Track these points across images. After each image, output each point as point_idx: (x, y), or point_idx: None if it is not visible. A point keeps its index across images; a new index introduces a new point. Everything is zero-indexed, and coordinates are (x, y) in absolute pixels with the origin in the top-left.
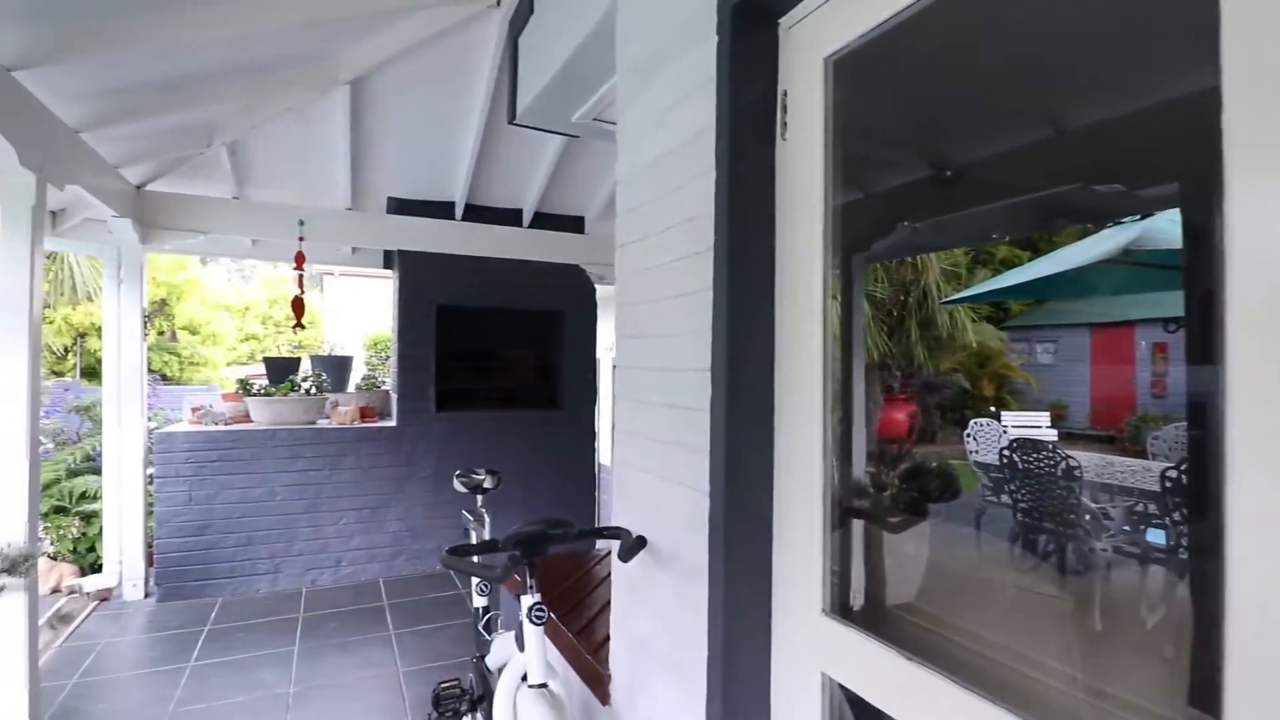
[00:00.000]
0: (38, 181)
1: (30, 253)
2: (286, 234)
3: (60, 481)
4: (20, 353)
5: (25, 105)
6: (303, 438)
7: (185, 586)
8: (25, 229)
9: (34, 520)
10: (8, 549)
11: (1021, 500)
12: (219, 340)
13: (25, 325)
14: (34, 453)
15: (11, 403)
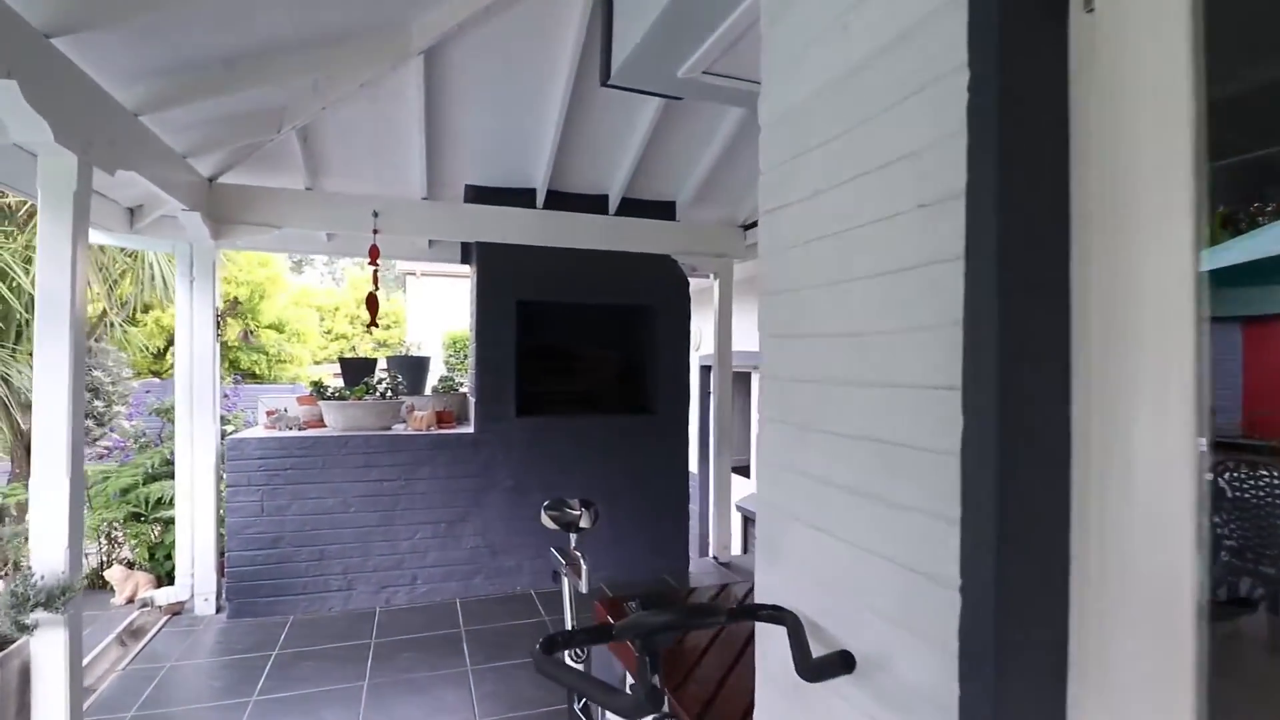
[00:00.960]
0: (80, 164)
1: (72, 243)
2: (361, 226)
3: (138, 487)
4: (61, 354)
5: (64, 76)
6: (377, 445)
7: (256, 603)
8: (66, 216)
9: (76, 546)
10: (40, 580)
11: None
12: (304, 339)
13: (66, 324)
14: (77, 468)
15: (52, 412)
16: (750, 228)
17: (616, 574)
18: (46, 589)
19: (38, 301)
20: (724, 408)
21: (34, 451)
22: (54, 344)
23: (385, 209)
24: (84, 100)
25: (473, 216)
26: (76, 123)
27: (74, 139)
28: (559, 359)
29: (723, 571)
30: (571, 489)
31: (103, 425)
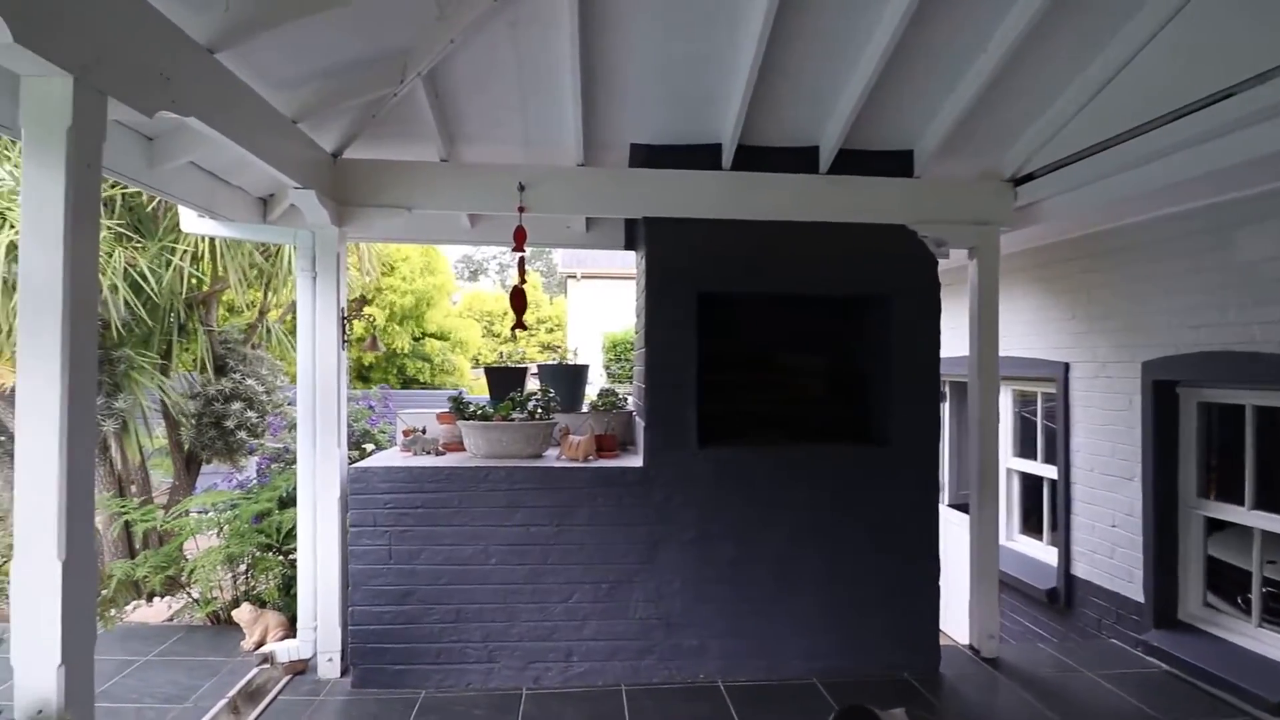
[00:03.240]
0: (76, 89)
1: (64, 206)
2: (505, 205)
3: (271, 515)
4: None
5: None
6: (523, 479)
7: (384, 671)
8: (55, 163)
9: (80, 664)
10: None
11: None
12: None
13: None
14: (81, 543)
15: (36, 454)
16: (1025, 181)
17: (832, 662)
18: None
19: (21, 290)
20: (986, 435)
21: (16, 516)
22: (40, 339)
23: (533, 180)
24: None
25: (641, 185)
26: (71, 26)
27: (60, 48)
28: (753, 370)
29: (986, 673)
30: (775, 547)
31: (257, 437)
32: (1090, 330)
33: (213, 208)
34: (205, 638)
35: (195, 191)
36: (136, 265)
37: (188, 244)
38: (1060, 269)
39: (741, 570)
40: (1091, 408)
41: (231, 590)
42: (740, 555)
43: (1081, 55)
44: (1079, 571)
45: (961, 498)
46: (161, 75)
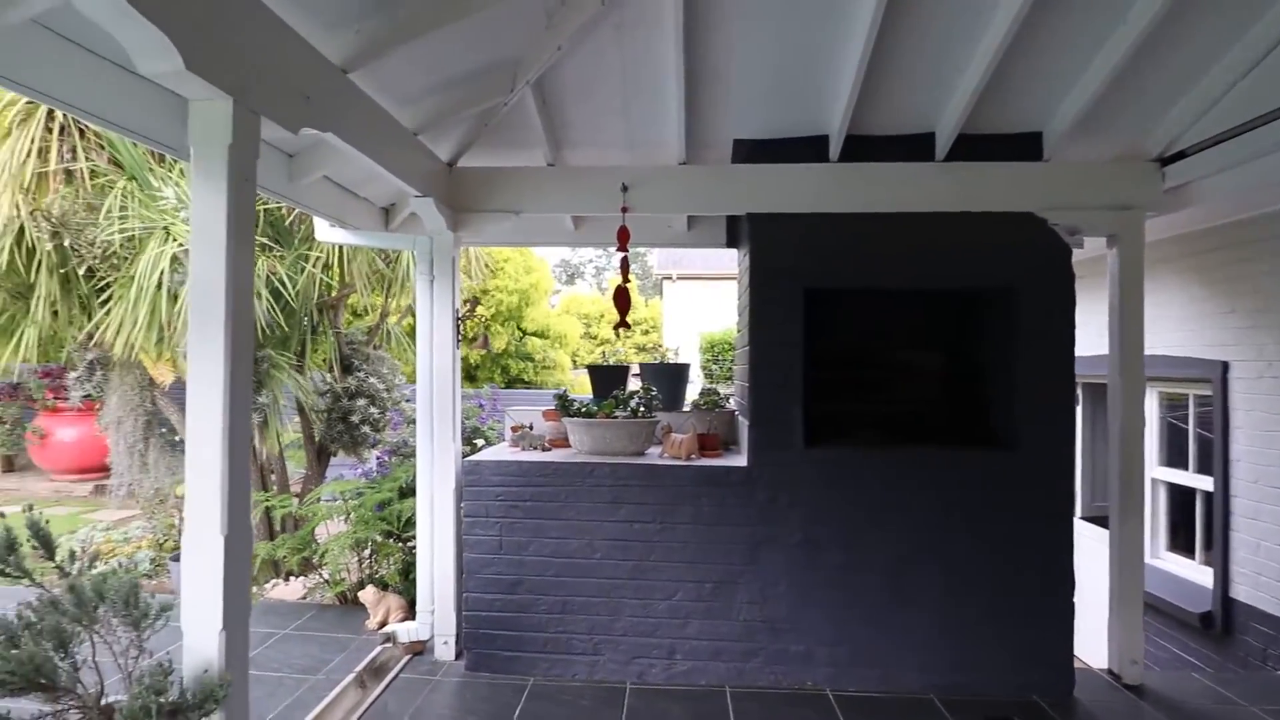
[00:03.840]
0: (236, 110)
1: (227, 216)
2: (608, 206)
3: (392, 504)
4: (215, 367)
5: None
6: (626, 476)
7: (495, 656)
8: (219, 179)
9: (238, 626)
10: (180, 683)
11: None
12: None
13: (220, 326)
14: (238, 517)
15: (204, 441)
16: (1174, 160)
17: (951, 678)
18: (186, 698)
19: (191, 293)
20: (1129, 441)
21: (187, 495)
22: (208, 344)
23: (636, 181)
24: (245, 26)
25: (744, 180)
26: (231, 54)
27: (223, 73)
28: (862, 368)
29: (1128, 700)
30: (887, 554)
31: (379, 431)
32: (1254, 326)
33: (343, 217)
34: (334, 616)
35: (328, 203)
36: (276, 273)
37: (320, 252)
38: (1217, 257)
39: (851, 576)
40: (1255, 411)
41: (357, 573)
42: (849, 561)
43: (1240, 17)
44: (1239, 594)
45: (1096, 510)
46: (303, 95)
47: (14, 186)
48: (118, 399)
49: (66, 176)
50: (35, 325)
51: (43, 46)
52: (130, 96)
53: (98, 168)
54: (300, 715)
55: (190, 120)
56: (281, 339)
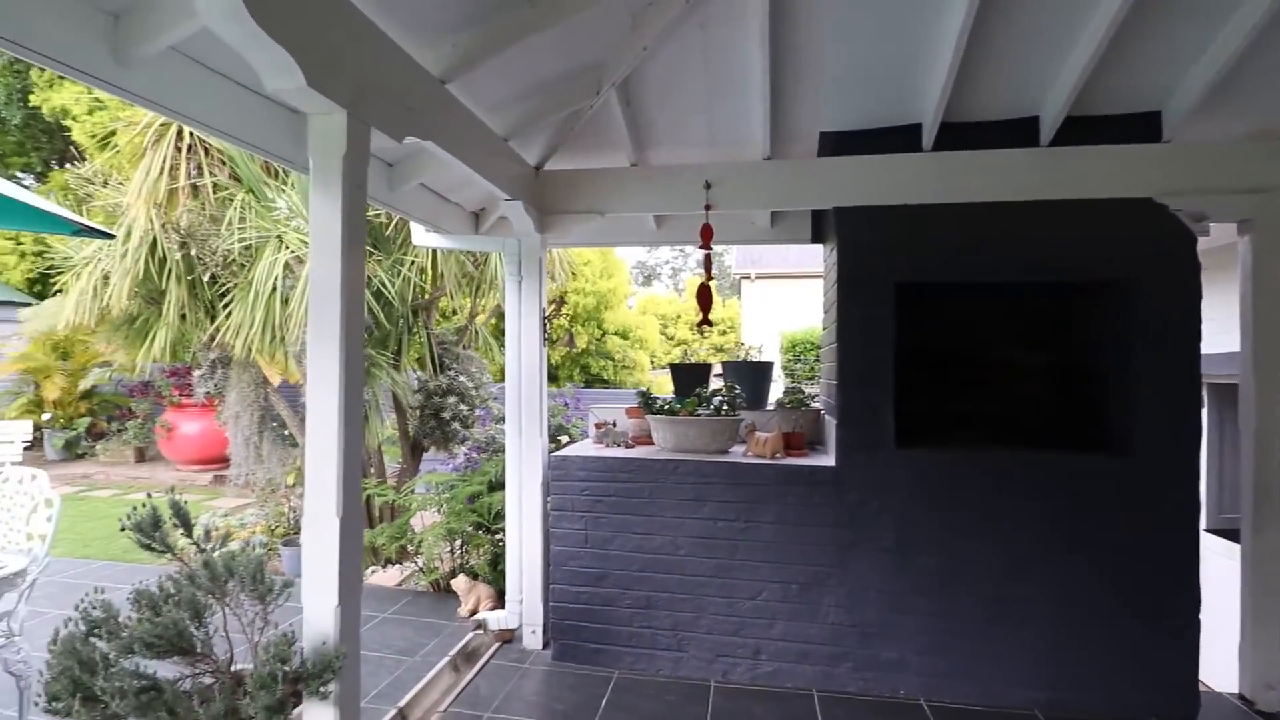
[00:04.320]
0: (349, 121)
1: (342, 220)
2: (691, 204)
3: (481, 497)
4: (331, 362)
5: (325, 11)
6: (710, 473)
7: (581, 647)
8: (334, 186)
9: (351, 602)
10: (301, 652)
11: None
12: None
13: (337, 324)
14: (350, 501)
15: (322, 432)
16: None
17: (1059, 694)
18: (308, 666)
19: (310, 294)
20: (1265, 447)
21: (306, 480)
22: (325, 341)
23: (719, 178)
24: (356, 43)
25: (831, 173)
26: (344, 69)
27: (338, 87)
28: (957, 367)
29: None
30: (987, 561)
31: (468, 428)
32: None
33: (437, 222)
34: (428, 602)
35: (423, 209)
36: (376, 276)
37: (415, 256)
38: None
39: (946, 585)
40: None
41: (449, 562)
42: (945, 568)
43: None
44: None
45: (1224, 522)
46: (406, 106)
47: (148, 202)
48: (236, 395)
49: (193, 191)
50: (167, 328)
51: (180, 72)
52: (252, 114)
53: (220, 182)
54: (399, 693)
55: (309, 133)
56: (380, 339)
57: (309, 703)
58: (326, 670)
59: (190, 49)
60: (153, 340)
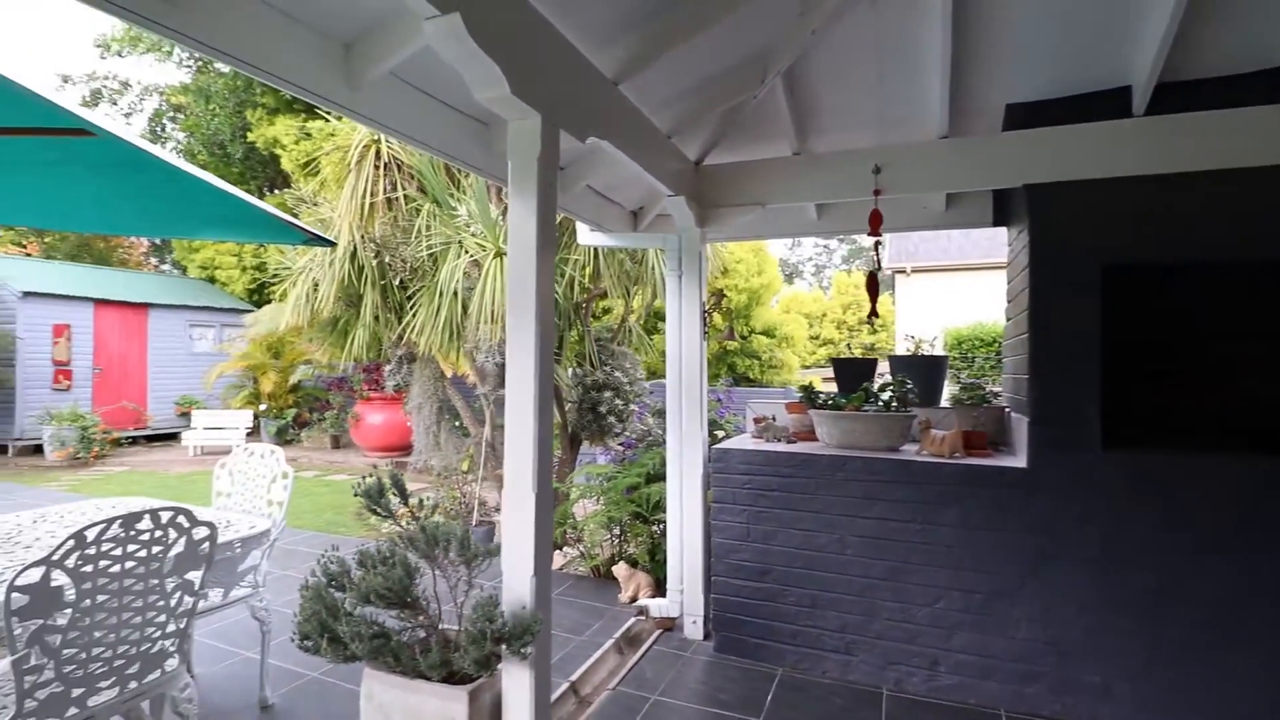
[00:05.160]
0: (544, 125)
1: (537, 216)
2: (857, 190)
3: (640, 488)
4: (527, 353)
5: (522, 22)
6: (881, 471)
7: (743, 641)
8: (530, 185)
9: (544, 573)
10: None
11: None
12: (794, 343)
13: (533, 315)
14: (543, 482)
15: (519, 417)
16: None
17: None
18: (508, 628)
19: (508, 286)
20: None
21: (506, 459)
22: (522, 334)
23: (889, 162)
24: (548, 53)
25: (1020, 148)
26: (539, 76)
27: (534, 93)
28: (1178, 358)
29: None
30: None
31: (623, 421)
32: None
33: (600, 222)
34: (589, 586)
35: (588, 209)
36: None
37: (576, 255)
38: None
39: (1162, 604)
40: None
41: (609, 549)
42: (1161, 585)
43: None
44: None
45: None
46: (587, 108)
47: (352, 216)
48: (418, 388)
49: (387, 204)
50: (363, 328)
51: (395, 93)
52: (448, 126)
53: (409, 195)
54: (570, 668)
55: (509, 137)
56: None
57: (508, 662)
58: (526, 633)
59: (402, 72)
60: (352, 340)
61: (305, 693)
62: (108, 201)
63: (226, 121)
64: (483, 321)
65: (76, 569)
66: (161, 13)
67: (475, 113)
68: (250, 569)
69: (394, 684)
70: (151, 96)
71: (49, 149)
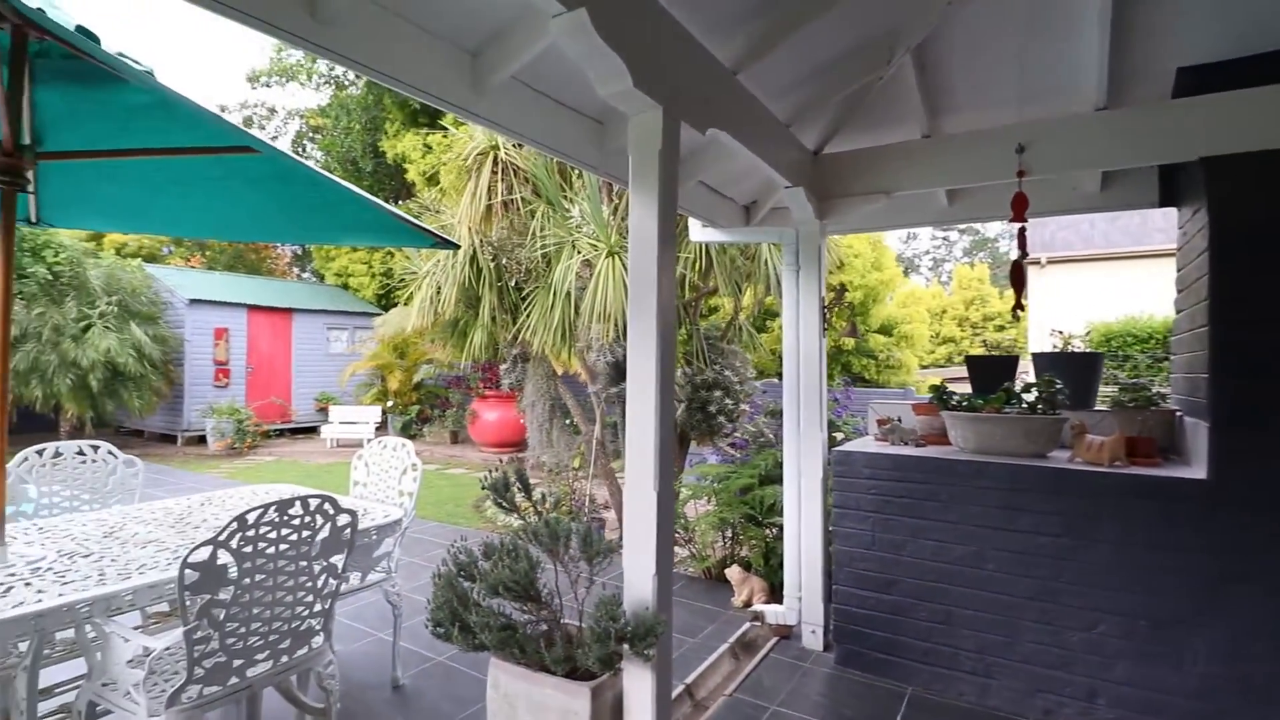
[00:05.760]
0: (665, 118)
1: (657, 210)
2: (995, 172)
3: (754, 490)
4: (648, 349)
5: (643, 12)
6: (1027, 480)
7: (866, 655)
8: (651, 179)
9: (665, 573)
10: (625, 616)
11: None
12: (913, 342)
13: (654, 311)
14: (665, 479)
15: (640, 413)
16: None
17: None
18: (631, 628)
19: (630, 281)
20: None
21: (627, 455)
22: (642, 338)
23: (1035, 139)
24: (668, 45)
25: (1195, 117)
26: (660, 69)
27: (656, 86)
28: None
29: None
30: None
31: (733, 421)
32: None
33: (712, 217)
34: (700, 588)
35: (701, 205)
36: None
37: (687, 253)
38: None
39: None
40: None
41: (720, 551)
42: None
43: None
44: None
45: None
46: (706, 99)
47: (471, 220)
48: (532, 387)
49: (504, 208)
50: (481, 329)
51: (515, 96)
52: (563, 126)
53: (524, 198)
54: (684, 671)
55: (630, 132)
56: None
57: (630, 662)
58: (649, 634)
59: (522, 75)
60: (470, 340)
61: (432, 675)
62: (261, 212)
63: (358, 139)
64: (594, 320)
65: (239, 549)
66: (313, 31)
67: (591, 111)
68: (384, 555)
69: (519, 675)
70: (294, 120)
71: (214, 166)
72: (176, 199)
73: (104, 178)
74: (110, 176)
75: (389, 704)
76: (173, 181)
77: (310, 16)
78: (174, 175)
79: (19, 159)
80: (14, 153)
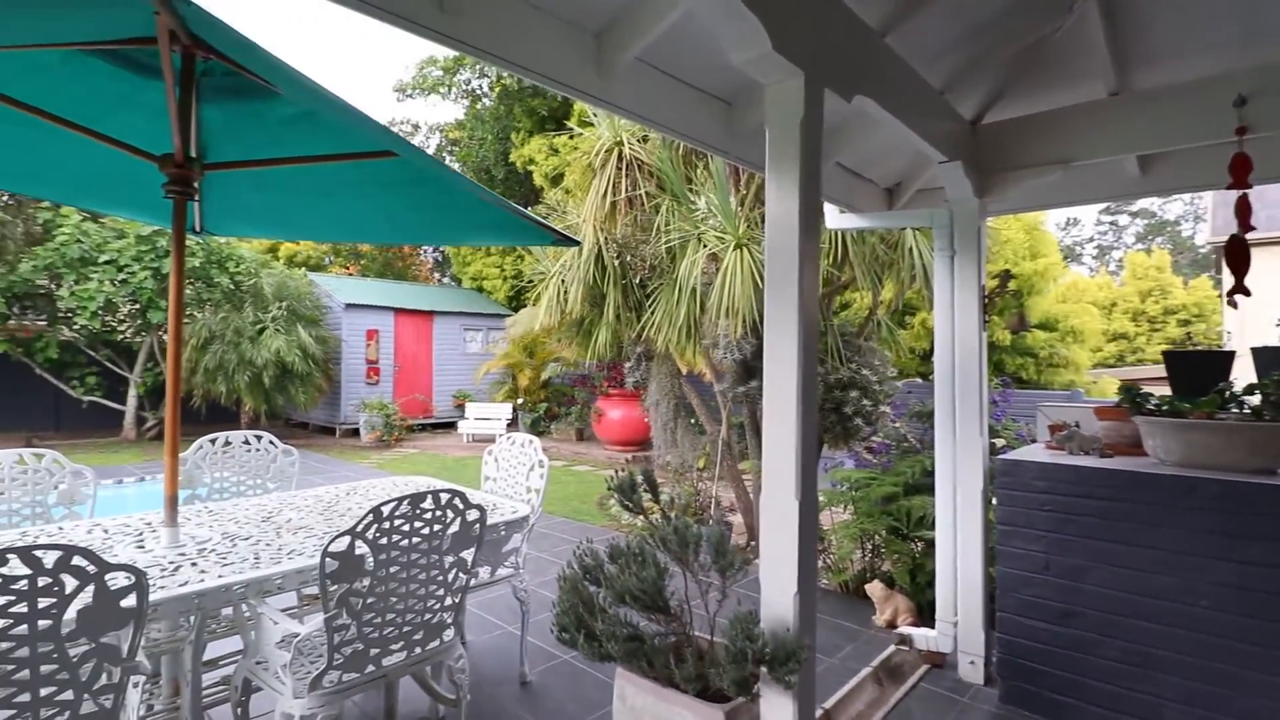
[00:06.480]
0: (806, 84)
1: (798, 189)
2: (1210, 132)
3: (898, 499)
4: (789, 344)
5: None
6: (1251, 500)
7: (1038, 695)
8: (791, 150)
9: (808, 590)
10: (764, 637)
11: None
12: (1083, 337)
13: (795, 300)
14: (808, 489)
15: (779, 413)
16: None
17: None
18: (770, 650)
19: (767, 267)
20: None
21: (765, 462)
22: (781, 333)
23: (1261, 89)
24: (809, 3)
25: None
26: (801, 30)
27: (797, 49)
28: None
29: None
30: None
31: (871, 424)
32: None
33: (851, 202)
34: (838, 603)
35: (839, 189)
36: None
37: (821, 241)
38: None
39: None
40: None
41: (859, 564)
42: None
43: None
44: None
45: None
46: (852, 63)
47: (596, 218)
48: (655, 385)
49: (628, 204)
50: (606, 327)
51: (640, 79)
52: (690, 108)
53: (649, 192)
54: (823, 693)
55: (767, 103)
56: None
57: (768, 686)
58: (791, 659)
59: (648, 56)
60: (595, 338)
61: (559, 674)
62: (395, 214)
63: (491, 149)
64: (721, 316)
65: (375, 540)
66: (440, 22)
67: (718, 91)
68: (512, 551)
69: (647, 689)
70: (434, 134)
71: (351, 171)
72: (317, 204)
73: (255, 187)
74: (260, 185)
75: (517, 701)
76: (313, 188)
77: (438, 8)
78: (314, 182)
79: (190, 170)
80: (185, 164)
